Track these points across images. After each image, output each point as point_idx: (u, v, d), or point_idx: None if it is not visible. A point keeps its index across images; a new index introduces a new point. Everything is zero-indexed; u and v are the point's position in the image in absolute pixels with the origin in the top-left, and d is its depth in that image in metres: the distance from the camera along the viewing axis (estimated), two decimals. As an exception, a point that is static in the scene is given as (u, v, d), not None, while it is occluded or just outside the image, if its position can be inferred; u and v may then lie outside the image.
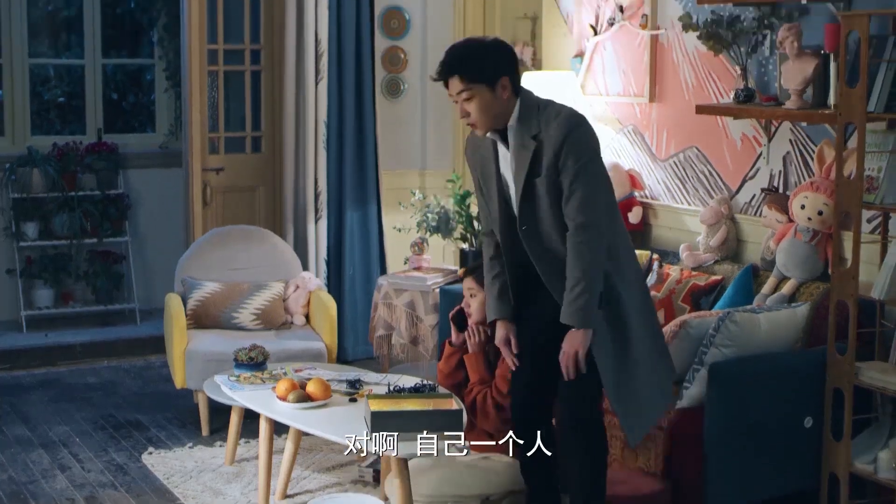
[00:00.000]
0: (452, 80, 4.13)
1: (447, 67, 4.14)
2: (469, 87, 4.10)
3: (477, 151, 4.34)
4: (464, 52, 4.19)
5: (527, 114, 4.17)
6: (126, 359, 7.86)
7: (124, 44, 9.53)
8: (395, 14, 7.82)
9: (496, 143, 4.24)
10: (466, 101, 4.12)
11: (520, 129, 4.16)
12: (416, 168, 7.94)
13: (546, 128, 4.11)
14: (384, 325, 6.74)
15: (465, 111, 4.15)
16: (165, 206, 8.69)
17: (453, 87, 4.14)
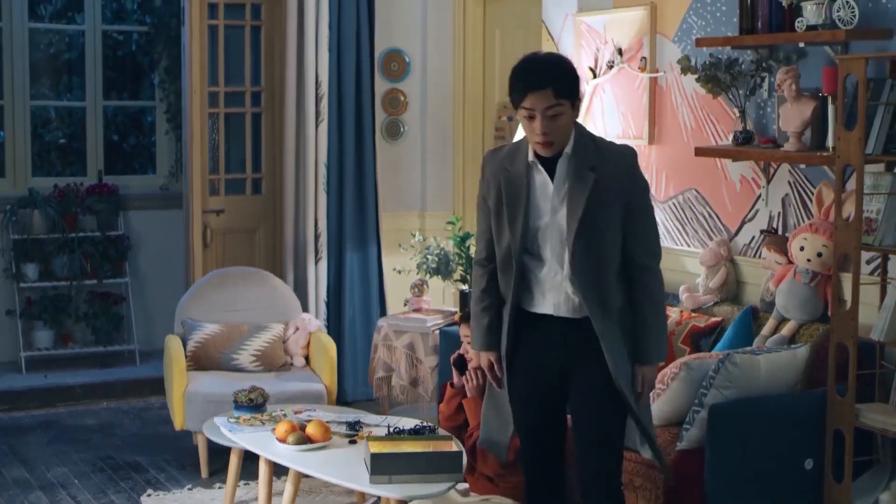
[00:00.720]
0: (545, 92, 3.87)
1: (543, 77, 3.89)
2: (559, 103, 3.88)
3: (502, 170, 4.09)
4: (557, 65, 3.97)
5: (582, 143, 4.00)
6: (125, 400, 7.84)
7: (125, 86, 9.57)
8: (395, 57, 7.87)
9: (531, 169, 4.03)
10: (552, 117, 3.89)
11: (576, 159, 3.97)
12: (415, 210, 7.96)
13: (604, 160, 3.97)
14: (384, 367, 6.74)
15: (544, 129, 3.89)
16: (165, 247, 8.70)
17: (542, 101, 3.88)
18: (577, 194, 3.94)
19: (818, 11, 4.94)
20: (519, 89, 3.92)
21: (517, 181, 4.04)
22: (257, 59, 7.69)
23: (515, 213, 4.03)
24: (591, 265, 3.98)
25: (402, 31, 7.87)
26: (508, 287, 4.12)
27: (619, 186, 3.96)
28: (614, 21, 6.36)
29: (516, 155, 4.08)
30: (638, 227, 4.02)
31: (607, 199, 3.95)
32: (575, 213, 3.94)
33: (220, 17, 7.55)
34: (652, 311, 4.06)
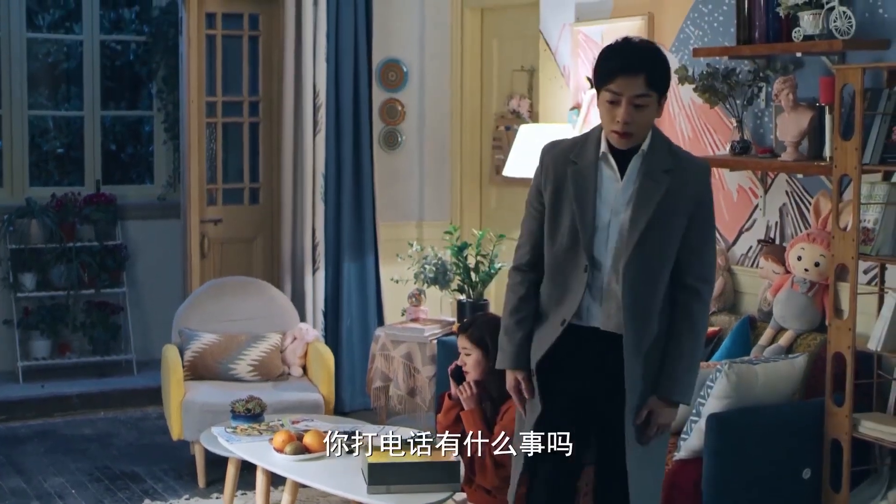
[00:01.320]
0: (637, 78, 3.58)
1: (639, 62, 3.59)
2: (648, 93, 3.59)
3: (567, 161, 3.77)
4: (655, 53, 3.67)
5: (659, 144, 3.72)
6: (123, 410, 7.83)
7: (123, 95, 9.58)
8: (393, 67, 7.87)
9: (601, 162, 3.73)
10: (638, 106, 3.60)
11: (651, 159, 3.69)
12: (413, 220, 7.97)
13: (681, 166, 3.70)
14: (381, 377, 6.73)
15: (628, 117, 3.59)
16: (163, 257, 8.70)
17: (632, 86, 3.58)
18: (647, 196, 3.66)
19: (815, 22, 4.95)
20: (609, 69, 3.62)
21: (586, 173, 3.72)
22: (255, 69, 7.70)
23: (585, 208, 3.69)
24: (645, 277, 3.68)
25: (399, 41, 7.88)
26: (565, 294, 3.76)
27: (691, 197, 3.69)
28: (612, 31, 6.37)
29: (585, 146, 3.76)
30: (698, 243, 3.73)
31: (676, 208, 3.67)
32: (642, 217, 3.65)
33: (218, 27, 7.56)
34: (691, 342, 3.74)
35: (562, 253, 3.76)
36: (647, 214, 3.64)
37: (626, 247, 3.66)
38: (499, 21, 7.70)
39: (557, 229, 3.77)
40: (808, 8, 4.94)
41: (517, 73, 7.49)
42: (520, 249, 3.93)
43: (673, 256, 3.70)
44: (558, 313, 3.79)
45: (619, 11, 6.38)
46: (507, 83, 7.60)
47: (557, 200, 3.76)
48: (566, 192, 3.73)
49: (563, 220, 3.75)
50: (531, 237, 3.88)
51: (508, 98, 7.53)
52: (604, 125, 3.69)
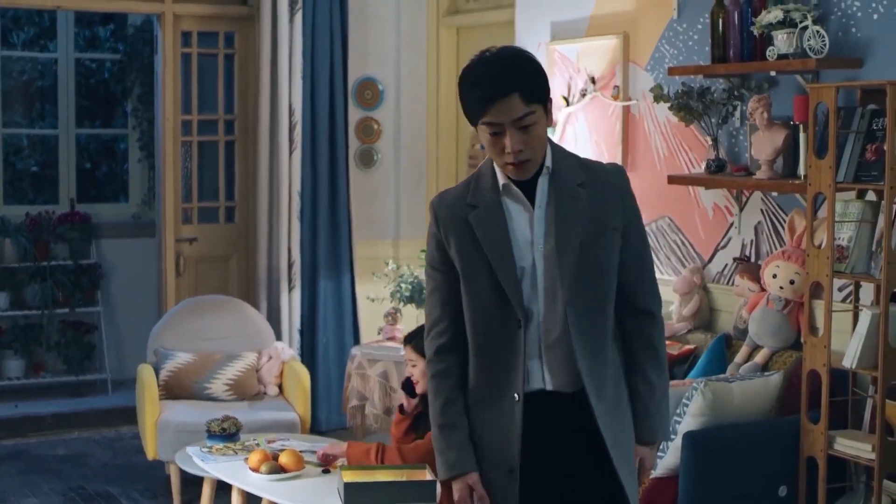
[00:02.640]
0: (511, 99, 3.01)
1: (506, 82, 3.01)
2: (531, 110, 3.03)
3: (465, 209, 3.17)
4: (518, 62, 3.08)
5: (563, 157, 3.20)
6: (97, 430, 7.79)
7: (98, 114, 9.55)
8: (368, 85, 7.88)
9: (505, 196, 3.14)
10: (524, 128, 3.04)
11: (560, 175, 3.14)
12: (389, 238, 7.96)
13: (595, 176, 3.18)
14: (357, 396, 6.72)
15: (518, 144, 3.04)
16: (138, 276, 8.67)
17: (509, 111, 3.01)
18: (568, 218, 3.10)
19: (789, 40, 4.97)
20: (477, 101, 3.05)
21: (490, 213, 3.13)
22: (230, 87, 7.69)
23: (501, 252, 3.10)
24: (592, 314, 3.14)
25: (375, 59, 7.89)
26: (504, 363, 3.13)
27: (616, 208, 3.15)
28: (587, 50, 6.39)
29: (479, 185, 3.19)
30: (637, 261, 3.22)
31: (604, 223, 3.13)
32: (569, 241, 3.09)
33: (194, 45, 7.55)
34: (656, 373, 3.26)
35: (487, 315, 3.13)
36: (576, 238, 3.09)
37: (561, 284, 3.09)
38: (475, 40, 7.72)
39: (476, 289, 3.14)
40: (782, 27, 4.97)
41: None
42: (434, 330, 3.24)
43: (615, 281, 3.17)
44: (504, 389, 3.13)
45: (594, 30, 6.40)
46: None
47: (466, 256, 3.14)
48: (473, 242, 3.13)
49: (480, 276, 3.13)
50: (446, 309, 3.21)
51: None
52: (494, 161, 3.14)
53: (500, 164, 3.12)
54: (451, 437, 3.19)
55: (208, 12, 7.54)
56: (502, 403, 3.14)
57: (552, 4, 6.66)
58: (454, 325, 3.21)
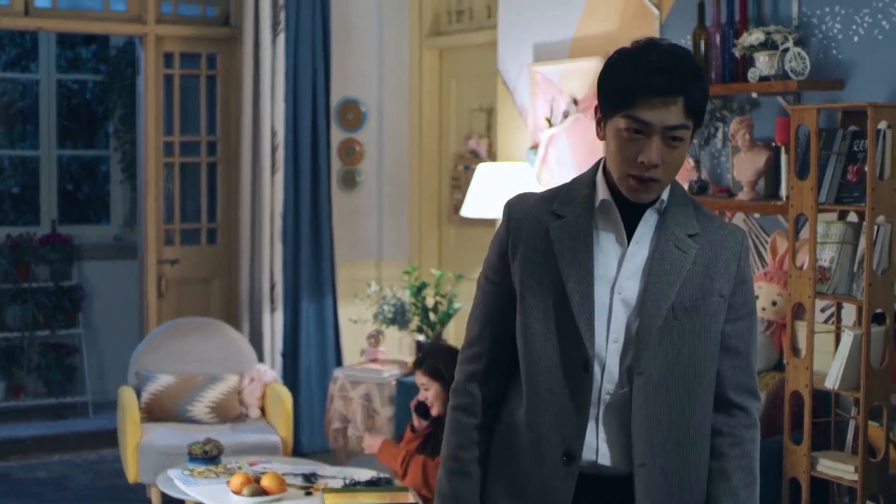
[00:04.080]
0: (675, 103, 2.47)
1: (683, 81, 2.48)
2: (686, 124, 2.50)
3: (546, 215, 2.63)
4: (694, 66, 2.53)
5: (681, 198, 2.65)
6: (78, 453, 7.75)
7: (80, 135, 9.53)
8: (351, 106, 7.88)
9: (599, 215, 2.60)
10: (673, 141, 2.49)
11: (672, 217, 2.60)
12: (372, 259, 7.95)
13: (712, 231, 2.63)
14: (340, 418, 6.69)
15: (657, 157, 2.48)
16: (120, 297, 8.64)
17: (668, 115, 2.47)
18: (668, 271, 2.56)
19: (770, 62, 4.99)
20: (639, 86, 2.47)
21: (578, 228, 2.59)
22: (213, 108, 7.68)
23: (586, 276, 2.55)
24: (675, 389, 2.57)
25: (358, 80, 7.89)
26: (562, 412, 2.57)
27: (728, 275, 2.60)
28: (570, 71, 6.40)
29: (571, 193, 2.64)
30: (740, 342, 2.63)
31: (711, 288, 2.58)
32: (659, 302, 2.54)
33: (176, 67, 7.54)
34: (748, 489, 2.64)
35: (548, 346, 2.58)
36: (666, 298, 2.54)
37: (641, 340, 2.53)
38: (457, 61, 7.73)
39: (537, 313, 2.59)
40: (764, 49, 4.99)
41: (476, 113, 7.51)
42: (469, 351, 2.72)
43: (713, 357, 2.60)
44: (553, 443, 2.57)
45: (576, 52, 6.41)
46: (465, 123, 7.62)
47: (534, 270, 2.60)
48: (546, 257, 2.59)
49: (545, 298, 2.58)
50: (489, 330, 2.68)
51: (467, 138, 7.54)
52: (614, 167, 2.55)
53: (619, 173, 2.53)
54: (459, 488, 2.68)
55: (191, 33, 7.54)
56: (547, 460, 2.57)
57: (534, 26, 6.68)
58: (494, 350, 2.69)
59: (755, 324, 2.68)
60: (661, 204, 2.60)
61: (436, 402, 4.92)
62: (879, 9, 4.76)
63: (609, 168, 2.59)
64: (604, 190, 2.60)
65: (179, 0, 7.57)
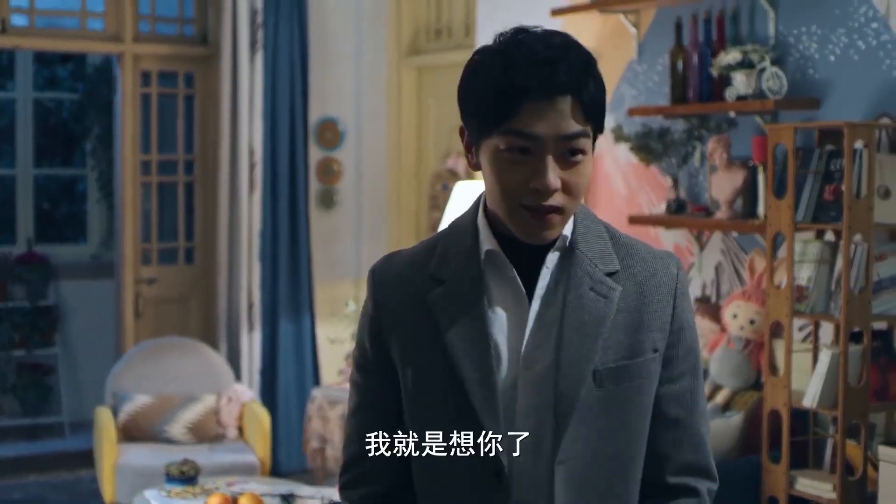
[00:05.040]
0: (564, 102, 1.88)
1: (569, 75, 1.87)
2: (585, 130, 1.91)
3: (419, 285, 2.03)
4: (586, 55, 1.92)
5: (589, 226, 2.07)
6: (54, 474, 7.70)
7: (56, 153, 9.50)
8: (329, 126, 7.87)
9: (489, 270, 2.01)
10: (571, 154, 1.91)
11: (585, 254, 2.02)
12: (350, 279, 7.94)
13: (631, 262, 2.06)
14: (318, 438, 6.67)
15: (556, 179, 1.90)
16: (96, 317, 8.60)
17: (561, 120, 1.88)
18: (585, 326, 1.97)
19: (748, 82, 5.01)
20: (510, 92, 1.88)
21: (469, 295, 1.99)
22: (190, 127, 7.66)
23: (476, 357, 1.97)
24: (598, 482, 1.99)
25: (336, 99, 7.88)
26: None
27: (660, 320, 2.03)
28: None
29: (449, 249, 2.05)
30: (681, 407, 2.06)
31: (640, 341, 2.01)
32: (579, 366, 1.96)
33: (153, 86, 7.53)
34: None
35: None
36: (587, 360, 1.96)
37: (559, 417, 1.95)
38: (436, 80, 7.74)
39: (426, 408, 2.01)
40: (741, 68, 5.00)
41: (454, 131, 7.50)
42: (352, 473, 2.10)
43: (645, 432, 2.04)
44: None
45: (554, 71, 6.43)
46: (444, 142, 7.62)
47: (416, 354, 2.02)
48: (432, 336, 2.00)
49: (434, 387, 2.00)
50: (374, 440, 2.05)
51: (445, 157, 7.55)
52: (498, 202, 1.96)
53: (507, 208, 1.94)
54: None
55: (168, 52, 7.52)
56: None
57: (512, 45, 6.69)
58: (389, 466, 2.06)
59: (700, 382, 2.08)
60: (563, 241, 2.00)
61: None
62: (855, 29, 4.79)
63: (491, 206, 2.00)
64: (488, 237, 2.01)
65: (157, 19, 7.55)
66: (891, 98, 4.67)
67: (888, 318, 4.50)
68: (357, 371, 2.11)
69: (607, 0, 5.70)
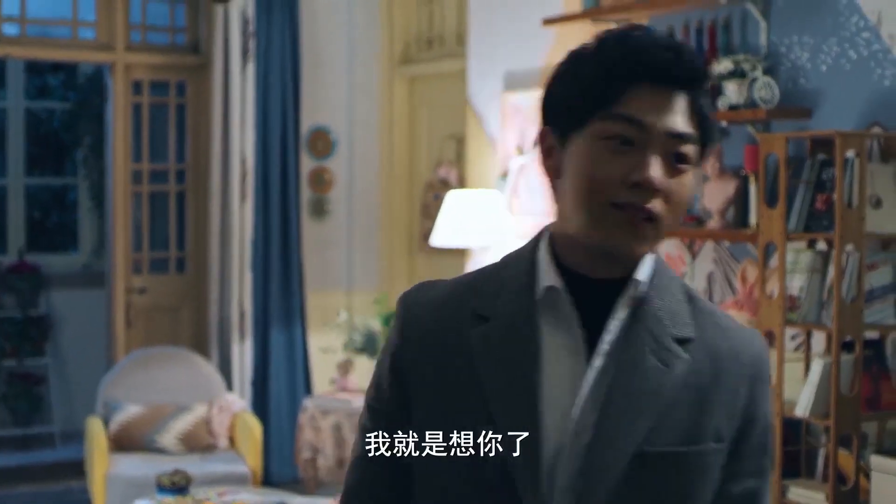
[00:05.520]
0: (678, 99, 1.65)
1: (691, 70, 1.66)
2: (695, 136, 1.66)
3: (457, 320, 1.71)
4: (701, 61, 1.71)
5: (666, 280, 1.74)
6: (45, 484, 7.67)
7: (48, 163, 9.48)
8: (321, 135, 7.87)
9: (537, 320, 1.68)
10: (677, 158, 1.64)
11: (657, 310, 1.70)
12: (341, 288, 7.93)
13: (710, 334, 1.71)
14: (310, 448, 6.66)
15: (660, 176, 1.62)
16: (88, 327, 8.58)
17: (674, 114, 1.64)
18: (641, 387, 1.65)
19: (739, 91, 5.01)
20: (622, 73, 1.64)
21: (520, 337, 1.67)
22: (182, 136, 7.66)
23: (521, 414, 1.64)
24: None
25: (328, 108, 7.88)
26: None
27: (731, 406, 1.70)
28: (539, 100, 6.41)
29: (498, 284, 1.74)
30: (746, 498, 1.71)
31: (703, 427, 1.67)
32: (627, 429, 1.64)
33: (145, 95, 7.52)
34: None
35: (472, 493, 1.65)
36: (640, 427, 1.64)
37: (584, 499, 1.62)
38: (428, 90, 7.74)
39: (448, 463, 1.66)
40: (733, 77, 5.01)
41: (446, 141, 7.51)
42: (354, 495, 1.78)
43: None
44: None
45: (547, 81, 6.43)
46: (436, 151, 7.62)
47: (444, 400, 1.68)
48: (466, 380, 1.67)
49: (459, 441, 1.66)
50: (378, 481, 1.75)
51: (437, 166, 7.54)
52: (586, 199, 1.67)
53: (598, 206, 1.64)
54: None
55: (160, 62, 7.52)
56: None
57: (505, 54, 6.69)
58: None
59: (767, 488, 1.73)
60: (635, 288, 1.68)
61: None
62: (846, 38, 4.79)
63: (572, 213, 1.69)
64: (550, 272, 1.69)
65: (148, 28, 7.55)
66: (882, 107, 4.68)
67: (880, 328, 4.50)
68: (367, 414, 1.76)
69: (599, 10, 5.70)
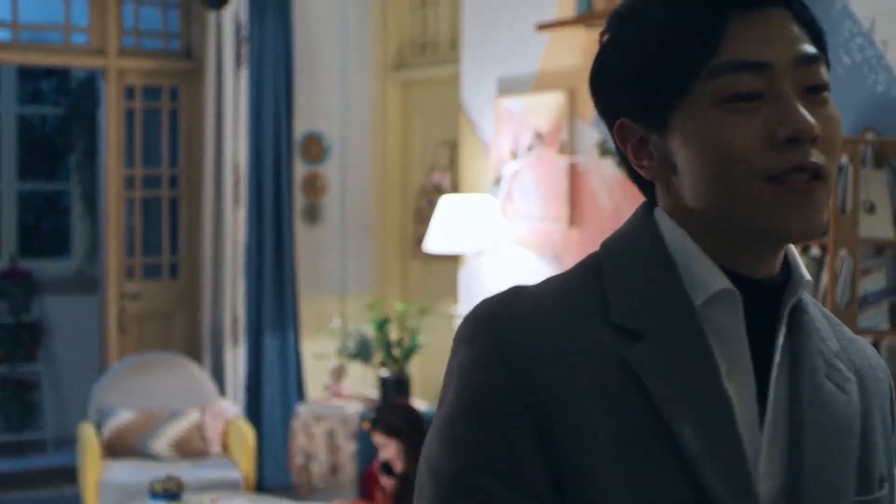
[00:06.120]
0: (789, 19, 1.23)
1: None
2: (824, 57, 1.29)
3: (590, 356, 1.18)
4: None
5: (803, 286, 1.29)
6: (38, 490, 7.66)
7: (41, 168, 9.47)
8: (314, 140, 7.86)
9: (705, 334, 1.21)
10: (814, 93, 1.27)
11: (813, 320, 1.29)
12: (335, 294, 7.92)
13: (846, 345, 1.33)
14: (303, 454, 6.65)
15: (814, 123, 1.22)
16: (80, 332, 8.57)
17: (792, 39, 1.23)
18: (832, 433, 1.24)
19: (733, 96, 5.02)
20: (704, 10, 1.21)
21: (688, 353, 1.21)
22: (175, 141, 7.65)
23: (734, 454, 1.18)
24: None
25: (321, 114, 7.87)
26: None
27: (883, 431, 1.32)
28: (533, 105, 6.41)
29: (634, 284, 1.25)
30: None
31: (867, 463, 1.28)
32: (838, 483, 1.23)
33: (138, 100, 7.51)
34: None
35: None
36: (847, 477, 1.25)
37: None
38: (421, 95, 7.73)
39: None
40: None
41: (439, 146, 7.51)
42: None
43: None
44: None
45: (541, 86, 6.43)
46: (429, 156, 7.61)
47: (613, 453, 1.16)
48: (633, 421, 1.18)
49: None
50: None
51: (430, 171, 7.54)
52: (723, 189, 1.21)
53: (747, 187, 1.20)
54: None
55: (153, 67, 7.51)
56: None
57: (498, 59, 6.69)
58: None
59: None
60: (800, 283, 1.27)
61: (397, 460, 4.88)
62: (840, 44, 4.79)
63: (714, 207, 1.23)
64: (711, 269, 1.24)
65: (141, 33, 7.54)
66: (876, 113, 4.68)
67: (874, 333, 4.50)
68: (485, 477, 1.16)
69: (593, 15, 5.70)
